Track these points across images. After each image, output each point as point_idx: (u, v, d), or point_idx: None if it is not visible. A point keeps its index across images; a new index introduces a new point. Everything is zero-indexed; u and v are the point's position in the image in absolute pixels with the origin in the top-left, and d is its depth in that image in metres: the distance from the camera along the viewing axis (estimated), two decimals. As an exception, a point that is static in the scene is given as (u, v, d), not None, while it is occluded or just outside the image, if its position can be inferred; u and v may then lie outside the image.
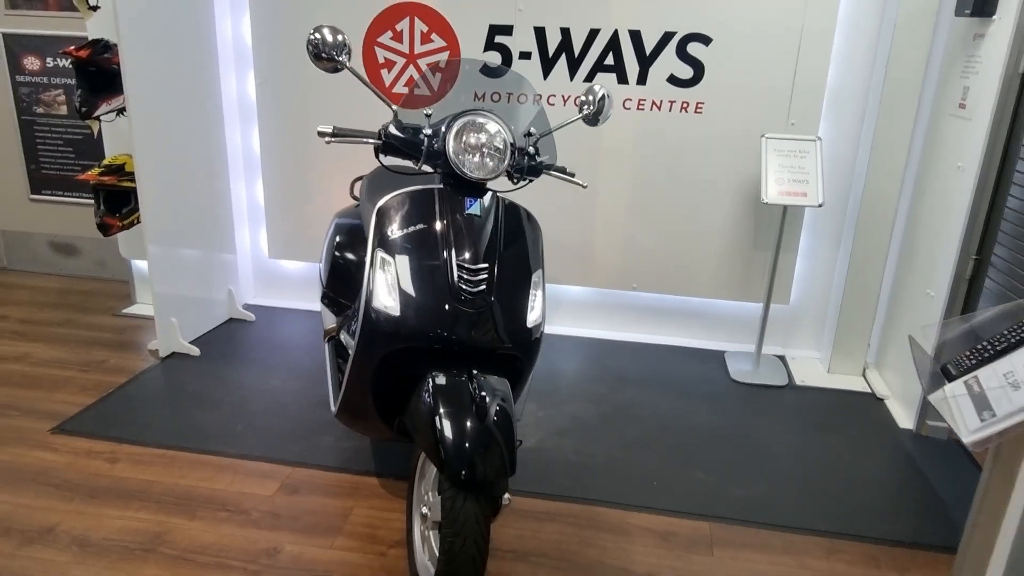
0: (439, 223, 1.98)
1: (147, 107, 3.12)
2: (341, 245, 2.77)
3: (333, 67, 1.97)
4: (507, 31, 3.39)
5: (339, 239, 2.79)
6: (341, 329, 2.60)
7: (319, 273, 2.95)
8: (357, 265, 2.71)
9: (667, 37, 3.29)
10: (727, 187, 3.44)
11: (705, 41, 3.27)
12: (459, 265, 1.91)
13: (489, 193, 2.06)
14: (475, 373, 1.88)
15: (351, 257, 2.74)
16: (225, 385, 3.15)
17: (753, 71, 3.28)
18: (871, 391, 3.31)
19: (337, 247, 2.78)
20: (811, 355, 3.64)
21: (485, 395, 1.81)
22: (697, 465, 2.72)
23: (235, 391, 3.10)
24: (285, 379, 3.22)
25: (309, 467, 2.61)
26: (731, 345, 3.68)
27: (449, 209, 1.99)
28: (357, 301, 2.15)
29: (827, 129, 3.34)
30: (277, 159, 3.75)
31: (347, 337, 2.50)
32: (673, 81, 3.34)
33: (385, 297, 1.93)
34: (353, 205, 2.98)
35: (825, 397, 3.27)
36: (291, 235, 3.87)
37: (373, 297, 1.95)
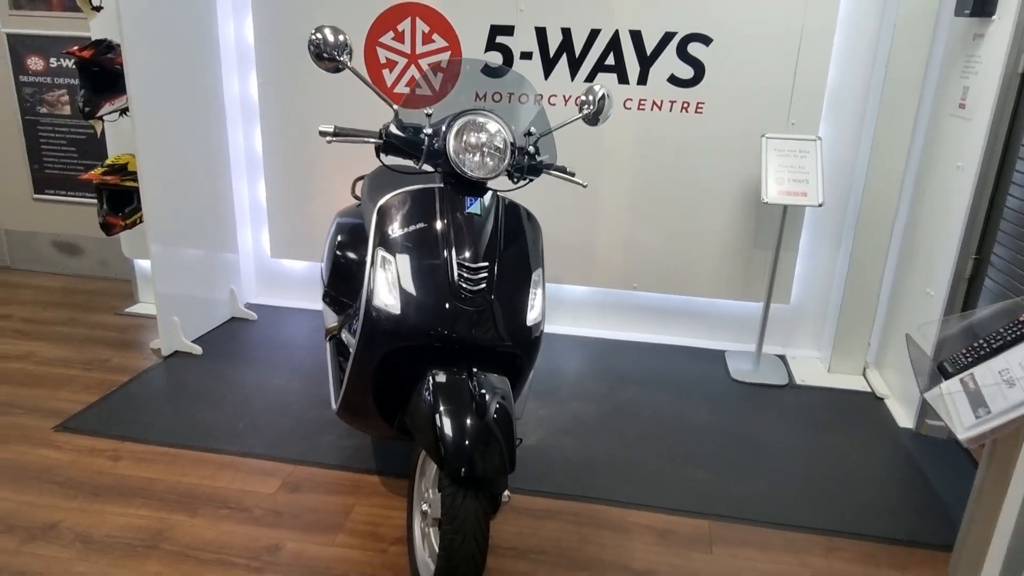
0: (439, 222, 1.99)
1: (150, 107, 3.14)
2: (342, 244, 2.78)
3: (334, 67, 1.98)
4: (508, 31, 3.40)
5: (340, 238, 2.80)
6: (342, 328, 2.61)
7: (320, 272, 2.96)
8: (358, 264, 2.72)
9: (668, 37, 3.30)
10: (727, 187, 3.44)
11: (705, 41, 3.28)
12: (459, 264, 1.92)
13: (489, 192, 2.07)
14: (475, 371, 1.89)
15: (352, 256, 2.75)
16: (227, 384, 3.16)
17: (753, 71, 3.28)
18: (871, 390, 3.32)
19: (338, 246, 2.79)
20: (811, 354, 3.65)
21: (485, 393, 1.82)
22: (697, 464, 2.72)
23: (237, 390, 3.11)
24: (287, 378, 3.23)
25: (310, 465, 2.63)
26: (732, 344, 3.69)
27: (450, 208, 1.99)
28: (358, 300, 2.16)
29: (827, 129, 3.35)
30: (279, 159, 3.77)
31: (348, 336, 2.51)
32: (674, 81, 3.35)
33: (386, 295, 1.94)
34: (354, 205, 2.99)
35: (825, 396, 3.27)
36: (293, 235, 3.88)
37: (374, 295, 1.96)
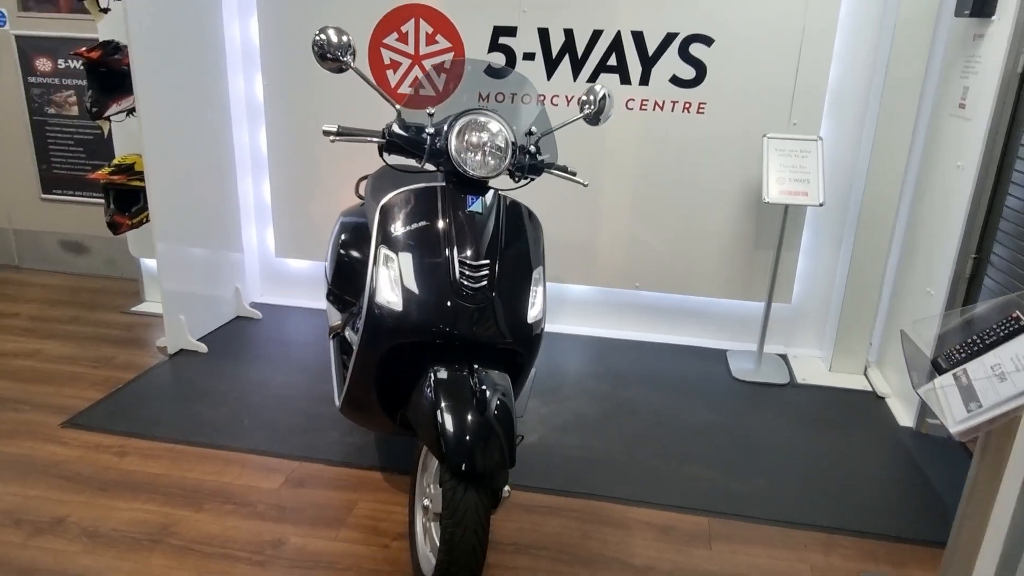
0: (441, 220, 2.01)
1: (156, 107, 3.17)
2: (346, 243, 2.81)
3: (338, 68, 2.00)
4: (511, 32, 3.42)
5: (344, 237, 2.82)
6: (346, 326, 2.63)
7: (325, 271, 2.99)
8: (362, 263, 2.74)
9: (669, 38, 3.32)
10: (729, 187, 3.46)
11: (707, 42, 3.30)
12: (461, 261, 1.95)
13: (491, 191, 2.09)
14: (476, 368, 1.91)
15: (356, 255, 2.77)
16: (232, 381, 3.19)
17: (755, 72, 3.30)
18: (872, 389, 3.33)
19: (342, 245, 2.81)
20: (813, 353, 3.66)
21: (486, 389, 1.84)
22: (697, 461, 2.74)
23: (241, 387, 3.14)
24: (291, 376, 3.25)
25: (314, 461, 2.65)
26: (733, 344, 3.70)
27: (451, 207, 2.01)
28: (361, 298, 2.18)
29: (828, 129, 3.36)
30: (284, 159, 3.80)
31: (351, 333, 2.53)
32: (675, 82, 3.37)
33: (388, 293, 1.96)
34: (358, 204, 3.01)
35: (826, 395, 3.29)
36: (297, 234, 3.91)
37: (376, 293, 1.98)
